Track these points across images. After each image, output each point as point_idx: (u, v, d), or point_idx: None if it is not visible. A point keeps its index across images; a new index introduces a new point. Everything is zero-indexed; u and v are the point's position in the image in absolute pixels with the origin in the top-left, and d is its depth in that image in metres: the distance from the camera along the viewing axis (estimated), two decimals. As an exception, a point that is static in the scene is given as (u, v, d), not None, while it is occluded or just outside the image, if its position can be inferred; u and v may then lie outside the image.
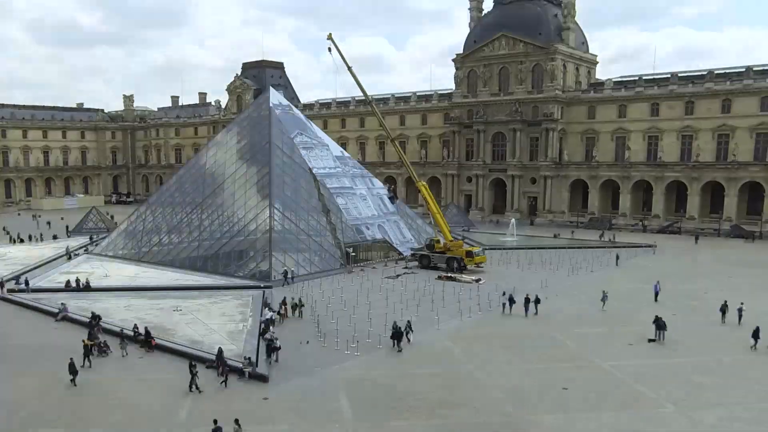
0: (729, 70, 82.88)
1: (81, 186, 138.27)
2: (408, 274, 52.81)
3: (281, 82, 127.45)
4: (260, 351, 30.75)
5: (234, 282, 49.03)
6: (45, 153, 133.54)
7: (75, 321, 37.94)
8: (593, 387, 27.37)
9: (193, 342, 33.30)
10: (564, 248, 66.44)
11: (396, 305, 40.89)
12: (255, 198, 55.76)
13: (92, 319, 36.34)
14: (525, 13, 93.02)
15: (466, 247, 56.77)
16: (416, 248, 60.60)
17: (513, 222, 76.91)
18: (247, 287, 46.94)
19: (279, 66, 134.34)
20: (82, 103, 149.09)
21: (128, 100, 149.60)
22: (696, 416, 24.49)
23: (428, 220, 64.74)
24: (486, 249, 59.98)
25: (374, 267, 56.19)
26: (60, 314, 38.67)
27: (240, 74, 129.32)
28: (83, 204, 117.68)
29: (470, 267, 54.28)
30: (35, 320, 39.16)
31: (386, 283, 48.86)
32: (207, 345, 32.48)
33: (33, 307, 41.81)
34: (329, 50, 61.55)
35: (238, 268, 51.76)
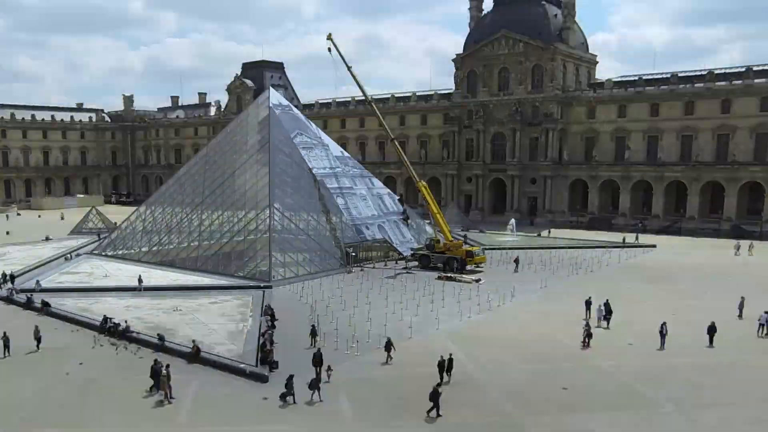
0: (729, 70, 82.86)
1: (81, 186, 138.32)
2: (408, 274, 52.81)
3: (281, 83, 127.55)
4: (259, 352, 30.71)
5: (234, 282, 49.07)
6: (45, 153, 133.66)
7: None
8: (593, 387, 27.37)
9: (191, 341, 33.24)
10: (564, 248, 66.44)
11: (396, 305, 40.92)
12: (255, 198, 55.75)
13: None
14: (525, 13, 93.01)
15: (466, 247, 56.81)
16: (416, 248, 60.64)
17: (513, 222, 76.89)
18: (247, 287, 46.97)
19: (279, 66, 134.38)
20: (82, 103, 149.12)
21: (128, 100, 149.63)
22: (696, 416, 24.49)
23: (428, 220, 64.72)
24: (485, 249, 60.01)
25: (374, 267, 56.23)
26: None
27: (240, 74, 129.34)
28: (83, 204, 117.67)
29: (470, 267, 54.33)
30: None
31: (386, 283, 48.86)
32: (207, 345, 32.53)
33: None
34: (329, 50, 61.62)
35: (238, 268, 51.76)
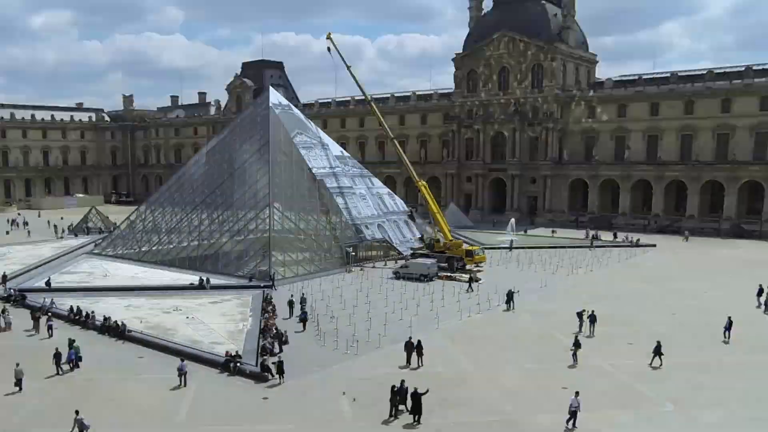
0: (729, 70, 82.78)
1: (81, 186, 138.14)
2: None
3: (281, 82, 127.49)
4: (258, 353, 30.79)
5: (234, 282, 49.07)
6: (45, 153, 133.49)
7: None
8: (593, 387, 27.37)
9: (194, 342, 33.33)
10: (564, 248, 66.43)
11: (396, 305, 40.92)
12: (255, 198, 55.75)
13: None
14: (525, 13, 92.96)
15: (466, 247, 56.82)
16: (416, 248, 60.65)
17: (512, 222, 76.87)
18: (247, 287, 46.96)
19: (279, 66, 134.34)
20: (82, 103, 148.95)
21: (128, 100, 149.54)
22: (696, 416, 24.50)
23: (428, 220, 64.76)
24: (485, 249, 60.00)
25: (374, 266, 56.24)
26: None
27: (239, 74, 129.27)
28: (83, 204, 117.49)
29: (470, 267, 54.32)
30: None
31: (387, 283, 48.85)
32: (207, 345, 32.54)
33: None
34: (328, 50, 61.62)
35: (238, 268, 51.76)
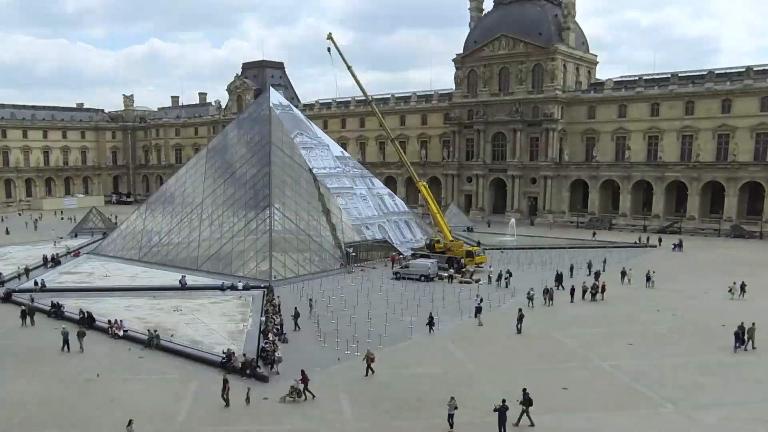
0: (729, 70, 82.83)
1: (81, 186, 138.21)
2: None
3: (281, 82, 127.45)
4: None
5: (234, 282, 48.98)
6: (45, 153, 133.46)
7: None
8: (593, 387, 27.36)
9: (194, 342, 33.33)
10: (564, 248, 66.41)
11: (396, 305, 40.91)
12: (255, 198, 55.77)
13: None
14: (525, 13, 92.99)
15: (466, 247, 56.82)
16: (416, 248, 60.66)
17: (513, 222, 76.85)
18: (247, 287, 46.94)
19: (279, 66, 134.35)
20: (83, 103, 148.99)
21: (128, 100, 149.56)
22: (696, 416, 24.47)
23: (428, 220, 64.76)
24: (485, 249, 60.00)
25: (374, 267, 56.23)
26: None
27: (240, 74, 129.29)
28: (83, 204, 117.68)
29: (470, 267, 54.28)
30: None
31: (387, 284, 48.82)
32: (207, 345, 32.53)
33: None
34: (329, 50, 61.52)
35: (238, 268, 51.75)
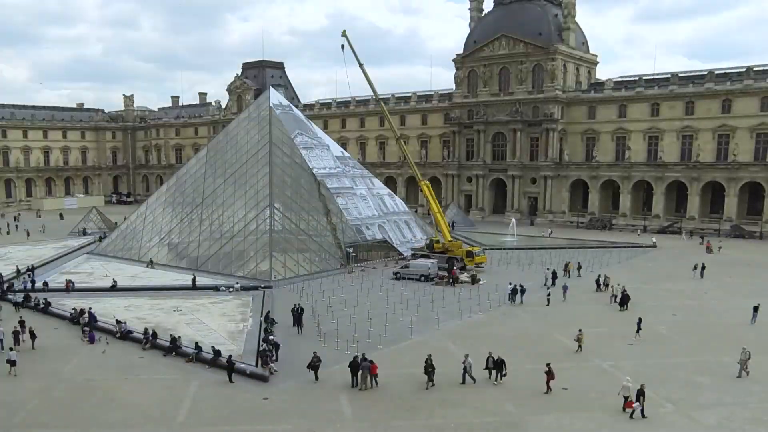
0: (729, 70, 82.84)
1: (81, 186, 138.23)
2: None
3: (281, 82, 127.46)
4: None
5: (234, 282, 49.00)
6: (45, 153, 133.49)
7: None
8: (593, 387, 27.36)
9: (193, 342, 33.25)
10: (564, 248, 66.42)
11: (396, 305, 40.91)
12: (255, 198, 55.77)
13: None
14: (525, 13, 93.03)
15: (466, 247, 56.78)
16: (416, 248, 60.65)
17: (513, 222, 76.87)
18: (247, 287, 46.96)
19: (279, 66, 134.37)
20: (83, 104, 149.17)
21: (128, 100, 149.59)
22: (696, 416, 24.48)
23: (428, 220, 64.76)
24: (486, 249, 60.00)
25: (374, 267, 56.23)
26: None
27: (240, 74, 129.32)
28: (83, 204, 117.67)
29: (470, 267, 54.29)
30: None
31: (387, 284, 48.82)
32: (207, 345, 32.47)
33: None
34: (342, 47, 61.50)
35: (238, 268, 51.77)
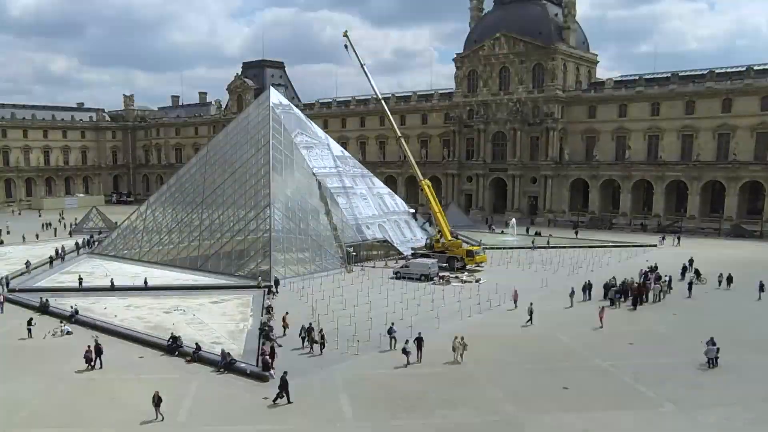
0: (729, 70, 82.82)
1: (81, 186, 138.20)
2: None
3: (282, 82, 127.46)
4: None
5: (234, 281, 49.09)
6: (45, 153, 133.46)
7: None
8: (593, 387, 27.36)
9: (194, 342, 33.27)
10: (564, 248, 66.40)
11: (396, 305, 40.91)
12: (255, 198, 55.73)
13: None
14: (525, 13, 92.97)
15: (467, 247, 56.77)
16: (416, 248, 60.65)
17: (513, 222, 76.87)
18: (248, 287, 46.96)
19: (279, 65, 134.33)
20: (83, 103, 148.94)
21: (128, 100, 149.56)
22: (696, 416, 24.48)
23: (422, 222, 64.76)
24: (486, 249, 59.99)
25: (374, 266, 56.22)
26: None
27: (240, 74, 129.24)
28: (83, 204, 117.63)
29: (470, 266, 54.30)
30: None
31: (387, 283, 48.82)
32: (207, 344, 32.52)
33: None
34: (345, 47, 61.53)
35: (239, 268, 51.77)
